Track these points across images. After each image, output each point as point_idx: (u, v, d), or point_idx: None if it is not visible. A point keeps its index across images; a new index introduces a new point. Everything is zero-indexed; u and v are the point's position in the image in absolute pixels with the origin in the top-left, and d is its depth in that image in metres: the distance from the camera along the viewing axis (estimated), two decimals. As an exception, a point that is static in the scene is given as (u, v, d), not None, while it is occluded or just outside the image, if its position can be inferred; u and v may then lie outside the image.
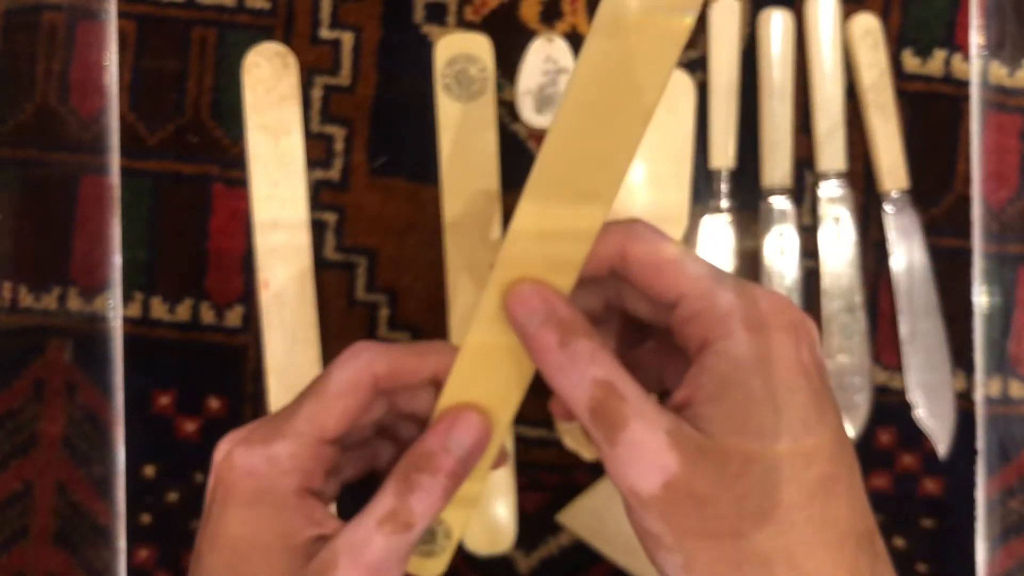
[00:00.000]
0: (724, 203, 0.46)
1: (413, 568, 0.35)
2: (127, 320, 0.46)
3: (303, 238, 0.46)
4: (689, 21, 0.28)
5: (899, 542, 0.46)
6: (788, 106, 0.46)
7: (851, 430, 0.46)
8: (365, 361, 0.31)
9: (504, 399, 0.32)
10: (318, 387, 0.31)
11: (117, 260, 0.46)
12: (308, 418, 0.31)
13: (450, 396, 0.32)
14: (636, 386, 0.29)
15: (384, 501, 0.30)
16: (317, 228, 0.46)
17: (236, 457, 0.30)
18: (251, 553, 0.30)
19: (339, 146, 0.46)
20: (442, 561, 0.35)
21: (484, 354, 0.32)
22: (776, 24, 0.45)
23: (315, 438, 0.31)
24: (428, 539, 0.35)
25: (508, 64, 0.46)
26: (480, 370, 0.32)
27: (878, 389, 0.46)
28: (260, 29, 0.46)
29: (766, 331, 0.28)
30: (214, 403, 0.46)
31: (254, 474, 0.30)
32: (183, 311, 0.46)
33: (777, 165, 0.46)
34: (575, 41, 0.46)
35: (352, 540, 0.30)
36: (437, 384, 0.32)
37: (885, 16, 0.46)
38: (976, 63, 0.47)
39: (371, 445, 0.35)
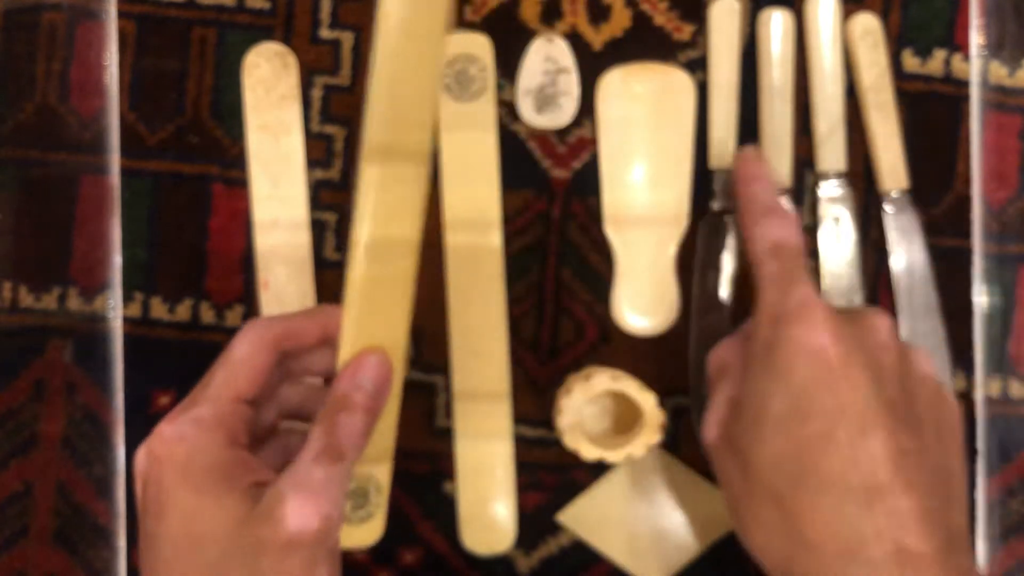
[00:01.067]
0: (724, 203, 0.46)
1: (353, 541, 0.38)
2: (127, 320, 0.46)
3: (303, 238, 0.46)
4: None
5: (899, 542, 0.46)
6: (788, 106, 0.46)
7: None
8: (261, 328, 0.36)
9: (394, 336, 0.37)
10: (225, 358, 0.35)
11: (117, 260, 0.46)
12: (221, 383, 0.35)
13: (347, 341, 0.36)
14: (744, 352, 0.38)
15: (315, 442, 0.34)
16: (317, 228, 0.46)
17: (164, 431, 0.33)
18: (201, 509, 0.32)
19: (339, 146, 0.46)
20: (379, 523, 0.38)
21: (368, 290, 0.36)
22: (776, 24, 0.45)
23: (231, 398, 0.35)
24: (362, 502, 0.38)
25: (508, 64, 0.46)
26: (368, 311, 0.37)
27: (878, 389, 0.46)
28: (260, 29, 0.46)
29: (781, 322, 0.36)
30: (214, 403, 0.46)
31: (184, 439, 0.33)
32: (183, 311, 0.46)
33: (777, 165, 0.46)
34: (575, 41, 0.46)
35: (294, 476, 0.33)
36: (332, 345, 0.36)
37: (885, 16, 0.46)
38: (976, 63, 0.47)
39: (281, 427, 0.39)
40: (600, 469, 0.46)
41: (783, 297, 0.36)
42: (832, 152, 0.46)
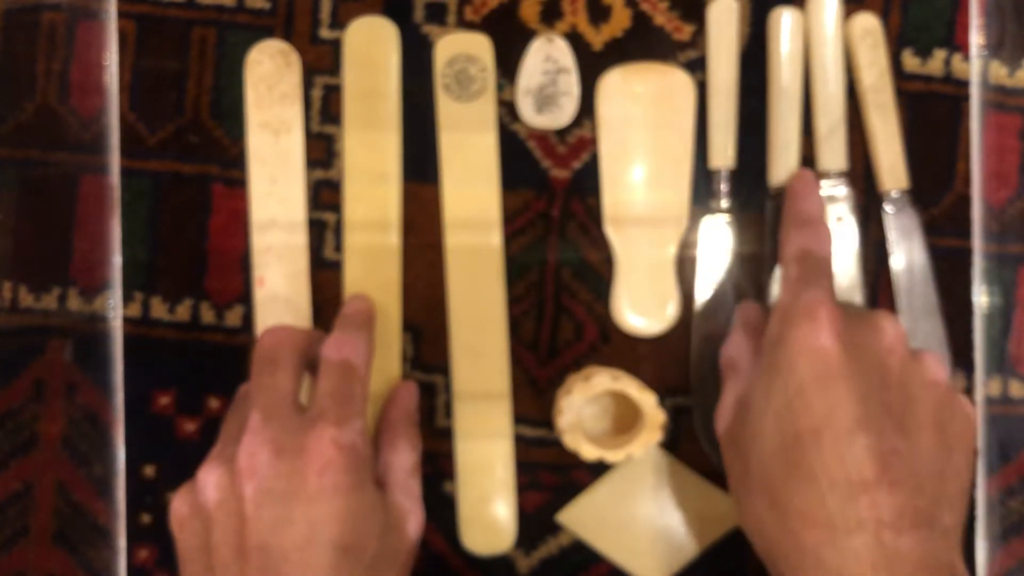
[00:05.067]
0: (724, 203, 0.46)
1: None
2: (127, 320, 0.46)
3: (300, 238, 0.46)
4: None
5: (899, 542, 0.46)
6: (797, 105, 0.46)
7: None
8: (365, 343, 0.41)
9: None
10: (353, 374, 0.39)
11: (117, 260, 0.46)
12: (361, 399, 0.39)
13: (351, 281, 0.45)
14: (750, 350, 0.40)
15: (409, 456, 0.41)
16: (317, 228, 0.46)
17: (340, 438, 0.37)
18: (362, 501, 0.37)
19: (339, 146, 0.46)
20: None
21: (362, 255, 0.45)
22: (786, 23, 0.45)
23: (365, 411, 0.39)
24: None
25: (508, 64, 0.46)
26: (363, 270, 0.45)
27: (878, 389, 0.46)
28: (260, 29, 0.46)
29: (788, 322, 0.37)
30: (214, 403, 0.46)
31: (356, 448, 0.37)
32: (183, 311, 0.46)
33: (785, 165, 0.46)
34: (575, 41, 0.46)
35: (406, 491, 0.40)
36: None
37: (885, 16, 0.46)
38: (976, 63, 0.47)
39: None
40: (600, 469, 0.46)
41: (795, 298, 0.38)
42: (832, 152, 0.46)
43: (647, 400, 0.42)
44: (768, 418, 0.36)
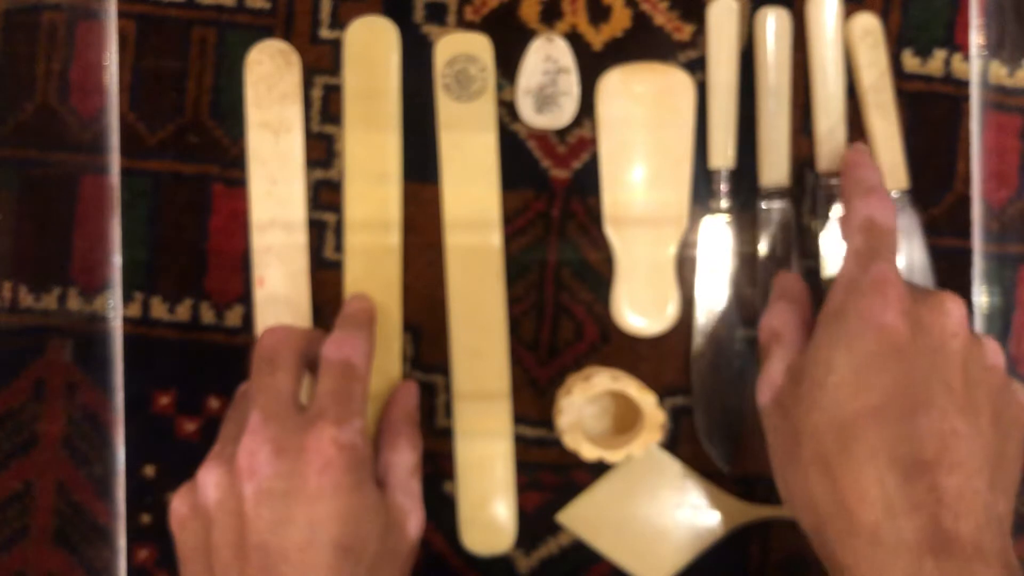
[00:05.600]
0: (724, 203, 0.46)
1: None
2: (127, 320, 0.46)
3: (300, 238, 0.46)
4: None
5: (899, 542, 0.46)
6: (785, 105, 0.46)
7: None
8: (365, 342, 0.41)
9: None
10: (353, 373, 0.39)
11: (117, 260, 0.46)
12: (361, 399, 0.39)
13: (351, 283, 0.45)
14: (796, 320, 0.40)
15: (410, 455, 0.41)
16: (317, 228, 0.46)
17: (340, 437, 0.36)
18: (362, 501, 0.37)
19: (339, 146, 0.46)
20: None
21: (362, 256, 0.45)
22: (771, 24, 0.45)
23: (365, 410, 0.39)
24: None
25: (508, 64, 0.46)
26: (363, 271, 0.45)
27: (878, 389, 0.46)
28: (260, 29, 0.46)
29: (854, 295, 0.37)
30: (214, 403, 0.46)
31: (356, 447, 0.37)
32: (183, 311, 0.46)
33: (775, 165, 0.46)
34: (575, 41, 0.46)
35: (406, 491, 0.40)
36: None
37: (885, 16, 0.46)
38: (976, 63, 0.47)
39: None
40: (600, 469, 0.46)
41: (861, 270, 0.37)
42: (832, 152, 0.46)
43: (647, 400, 0.42)
44: (827, 391, 0.36)
